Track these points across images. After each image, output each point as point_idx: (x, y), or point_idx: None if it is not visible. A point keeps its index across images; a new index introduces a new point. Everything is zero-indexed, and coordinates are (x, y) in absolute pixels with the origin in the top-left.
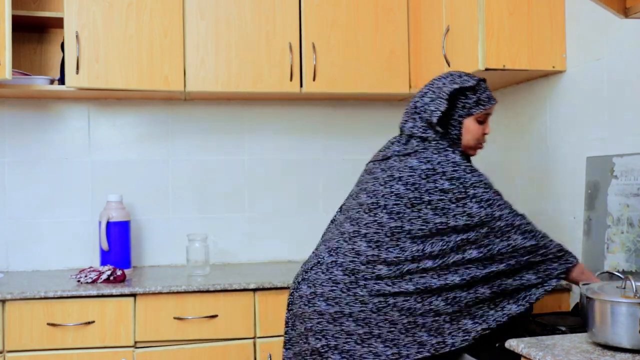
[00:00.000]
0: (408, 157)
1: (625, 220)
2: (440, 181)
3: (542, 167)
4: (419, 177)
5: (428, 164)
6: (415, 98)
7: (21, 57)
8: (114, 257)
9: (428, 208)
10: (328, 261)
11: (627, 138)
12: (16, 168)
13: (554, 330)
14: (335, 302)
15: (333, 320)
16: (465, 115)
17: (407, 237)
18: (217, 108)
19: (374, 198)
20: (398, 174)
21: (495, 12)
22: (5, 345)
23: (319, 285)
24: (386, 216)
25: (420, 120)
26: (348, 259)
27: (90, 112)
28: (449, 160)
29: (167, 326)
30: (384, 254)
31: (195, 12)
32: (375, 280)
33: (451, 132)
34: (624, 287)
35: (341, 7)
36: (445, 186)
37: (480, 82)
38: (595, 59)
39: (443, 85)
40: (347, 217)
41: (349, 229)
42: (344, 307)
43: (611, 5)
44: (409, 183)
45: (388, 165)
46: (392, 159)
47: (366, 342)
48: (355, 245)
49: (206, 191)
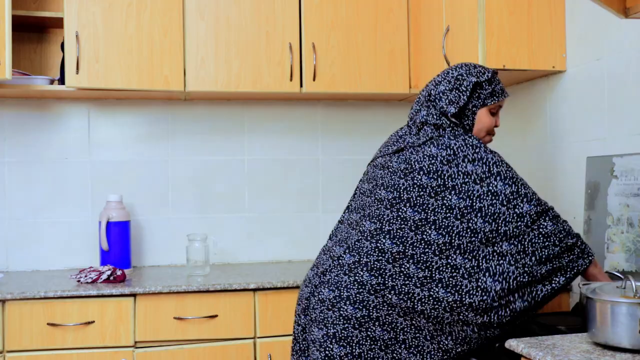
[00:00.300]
0: (424, 146)
1: (625, 220)
2: (463, 164)
3: (542, 167)
4: (441, 164)
5: (448, 150)
6: (429, 87)
7: (21, 57)
8: (114, 257)
9: (452, 194)
10: (350, 261)
11: (627, 138)
12: (16, 168)
13: (554, 330)
14: (363, 305)
15: (359, 325)
16: (480, 106)
17: (432, 229)
18: (217, 108)
19: (395, 192)
20: (418, 164)
21: (495, 12)
22: (5, 345)
23: (344, 288)
24: (410, 210)
25: (434, 109)
26: (373, 258)
27: (90, 112)
28: (467, 144)
29: (167, 326)
30: (410, 250)
31: (195, 12)
32: (403, 280)
33: (464, 122)
34: (624, 287)
35: (341, 7)
36: (469, 168)
37: (494, 73)
38: (595, 59)
39: (460, 77)
40: (365, 215)
41: (370, 227)
42: (371, 311)
43: (611, 5)
44: (431, 172)
45: (404, 157)
46: (407, 150)
47: (390, 347)
48: (379, 244)
49: (206, 191)
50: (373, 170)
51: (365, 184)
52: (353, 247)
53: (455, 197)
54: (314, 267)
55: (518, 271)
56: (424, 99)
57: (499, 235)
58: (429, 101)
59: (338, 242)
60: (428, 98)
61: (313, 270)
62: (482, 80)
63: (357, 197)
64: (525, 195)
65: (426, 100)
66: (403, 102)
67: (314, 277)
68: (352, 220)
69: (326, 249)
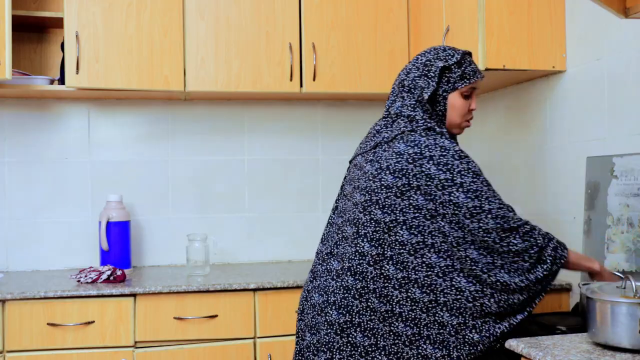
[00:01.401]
0: (395, 142)
1: (625, 220)
2: (427, 165)
3: (542, 167)
4: (406, 162)
5: (415, 147)
6: (401, 76)
7: (21, 57)
8: (114, 257)
9: (418, 194)
10: (337, 267)
11: (627, 138)
12: (16, 168)
13: (554, 330)
14: (347, 310)
15: (341, 331)
16: (450, 90)
17: (403, 229)
18: (217, 108)
19: (367, 195)
20: (386, 163)
21: (495, 12)
22: (5, 345)
23: (331, 293)
24: (380, 212)
25: (409, 98)
26: (355, 262)
27: (90, 112)
28: (437, 144)
29: (167, 326)
30: (388, 252)
31: (195, 12)
32: (383, 282)
33: (436, 108)
34: (624, 287)
35: (341, 7)
36: (432, 170)
37: (465, 55)
38: (595, 59)
39: (428, 62)
40: (346, 220)
41: (350, 232)
42: (354, 316)
43: (611, 5)
44: (396, 170)
45: (376, 155)
46: (380, 147)
47: (370, 354)
48: (359, 247)
49: (206, 191)
50: (353, 170)
51: (347, 185)
52: (337, 252)
53: (421, 198)
54: (310, 272)
55: (491, 279)
56: (398, 89)
57: (466, 242)
58: (402, 91)
59: (327, 247)
60: (401, 88)
61: (308, 275)
62: (450, 63)
63: (341, 199)
64: (489, 212)
65: (400, 91)
66: None
67: (308, 282)
68: (337, 224)
69: (318, 253)
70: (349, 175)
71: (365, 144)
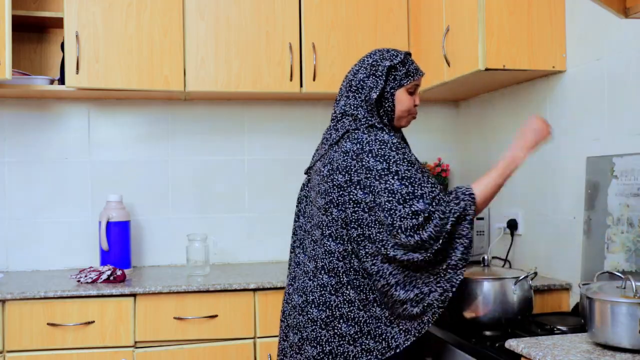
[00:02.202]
0: (342, 142)
1: (625, 220)
2: (366, 159)
3: (542, 167)
4: (350, 159)
5: (358, 144)
6: (349, 77)
7: (21, 57)
8: (114, 257)
9: (357, 188)
10: (312, 267)
11: (627, 138)
12: (16, 168)
13: (553, 330)
14: (326, 306)
15: (325, 325)
16: (397, 87)
17: (351, 226)
18: (217, 108)
19: (327, 197)
20: (336, 163)
21: (495, 12)
22: (5, 345)
23: (309, 293)
24: (335, 210)
25: (354, 98)
26: (327, 260)
27: (90, 112)
28: (377, 139)
29: (167, 326)
30: (349, 246)
31: (195, 12)
32: (354, 274)
33: (385, 105)
34: (624, 287)
35: (341, 7)
36: (371, 163)
37: (407, 54)
38: (595, 59)
39: (375, 63)
40: (314, 225)
41: (317, 234)
42: (334, 310)
43: (611, 5)
44: (342, 168)
45: (328, 158)
46: (332, 149)
47: (358, 341)
48: (326, 247)
49: (206, 191)
50: (314, 177)
51: (311, 191)
52: (311, 254)
53: (360, 192)
54: (287, 277)
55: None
56: (345, 89)
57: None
58: (349, 91)
59: (301, 249)
60: (349, 88)
61: (287, 280)
62: (395, 62)
63: (308, 206)
64: (421, 196)
65: (347, 91)
66: None
67: (288, 286)
68: (306, 229)
69: (293, 256)
70: (312, 183)
71: (320, 149)
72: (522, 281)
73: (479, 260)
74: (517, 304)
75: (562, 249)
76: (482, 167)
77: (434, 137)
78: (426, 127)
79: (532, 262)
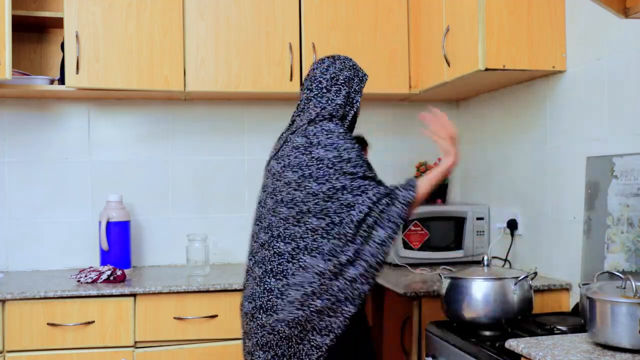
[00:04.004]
0: (293, 137)
1: (625, 220)
2: (316, 150)
3: (542, 167)
4: (301, 154)
5: (307, 138)
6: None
7: (21, 57)
8: (114, 257)
9: (311, 181)
10: (259, 273)
11: (627, 138)
12: (16, 168)
13: (553, 330)
14: (274, 310)
15: (272, 329)
16: (360, 92)
17: (310, 216)
18: (217, 108)
19: (276, 197)
20: (287, 160)
21: (495, 12)
22: (5, 345)
23: (257, 298)
24: (285, 209)
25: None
26: (275, 262)
27: (90, 112)
28: (323, 129)
29: (167, 326)
30: (302, 243)
31: (195, 12)
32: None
33: (349, 112)
34: (624, 287)
35: (341, 8)
36: (321, 154)
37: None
38: (595, 59)
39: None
40: (262, 228)
41: (265, 237)
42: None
43: (611, 5)
44: (293, 165)
45: (281, 158)
46: (283, 147)
47: (305, 339)
48: (275, 249)
49: (206, 191)
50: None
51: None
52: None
53: (315, 184)
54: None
55: None
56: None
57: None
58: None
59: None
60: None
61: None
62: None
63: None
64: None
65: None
66: (403, 102)
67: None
68: (254, 233)
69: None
70: (264, 182)
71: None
72: (522, 281)
73: (479, 260)
74: (517, 304)
75: (562, 249)
76: (482, 166)
77: None
78: (426, 127)
79: (532, 262)
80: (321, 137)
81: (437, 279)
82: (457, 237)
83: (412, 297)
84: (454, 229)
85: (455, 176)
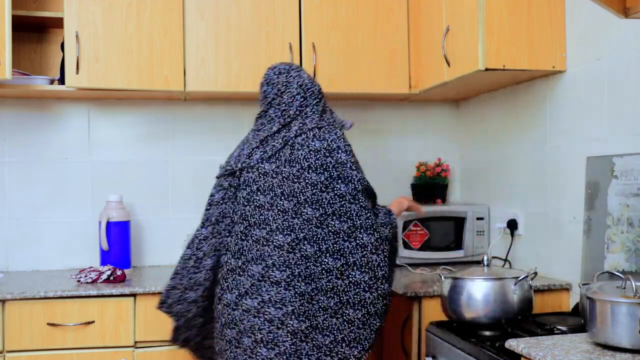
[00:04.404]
0: (307, 140)
1: (625, 220)
2: (337, 155)
3: (542, 167)
4: (323, 156)
5: (323, 142)
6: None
7: (21, 57)
8: (114, 257)
9: (339, 182)
10: (256, 270)
11: (627, 138)
12: (16, 168)
13: (553, 330)
14: (282, 304)
15: (281, 323)
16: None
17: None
18: (217, 108)
19: (297, 198)
20: (306, 162)
21: (495, 12)
22: (5, 345)
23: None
24: (310, 209)
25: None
26: (302, 266)
27: (90, 112)
28: (337, 135)
29: (167, 326)
30: (324, 245)
31: (195, 12)
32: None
33: None
34: (624, 287)
35: (341, 8)
36: (343, 157)
37: None
38: (595, 59)
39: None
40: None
41: (281, 239)
42: (287, 306)
43: (611, 5)
44: (314, 167)
45: (289, 158)
46: (292, 147)
47: (309, 336)
48: (302, 252)
49: (206, 191)
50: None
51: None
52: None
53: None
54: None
55: None
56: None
57: None
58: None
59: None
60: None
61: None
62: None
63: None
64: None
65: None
66: (403, 102)
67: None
68: (262, 237)
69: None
70: (256, 185)
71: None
72: (522, 281)
73: (479, 260)
74: (517, 304)
75: (562, 249)
76: (482, 167)
77: (434, 137)
78: (426, 127)
79: (532, 262)
80: (339, 142)
81: (437, 279)
82: (457, 237)
83: (412, 297)
84: (454, 229)
85: (455, 176)
